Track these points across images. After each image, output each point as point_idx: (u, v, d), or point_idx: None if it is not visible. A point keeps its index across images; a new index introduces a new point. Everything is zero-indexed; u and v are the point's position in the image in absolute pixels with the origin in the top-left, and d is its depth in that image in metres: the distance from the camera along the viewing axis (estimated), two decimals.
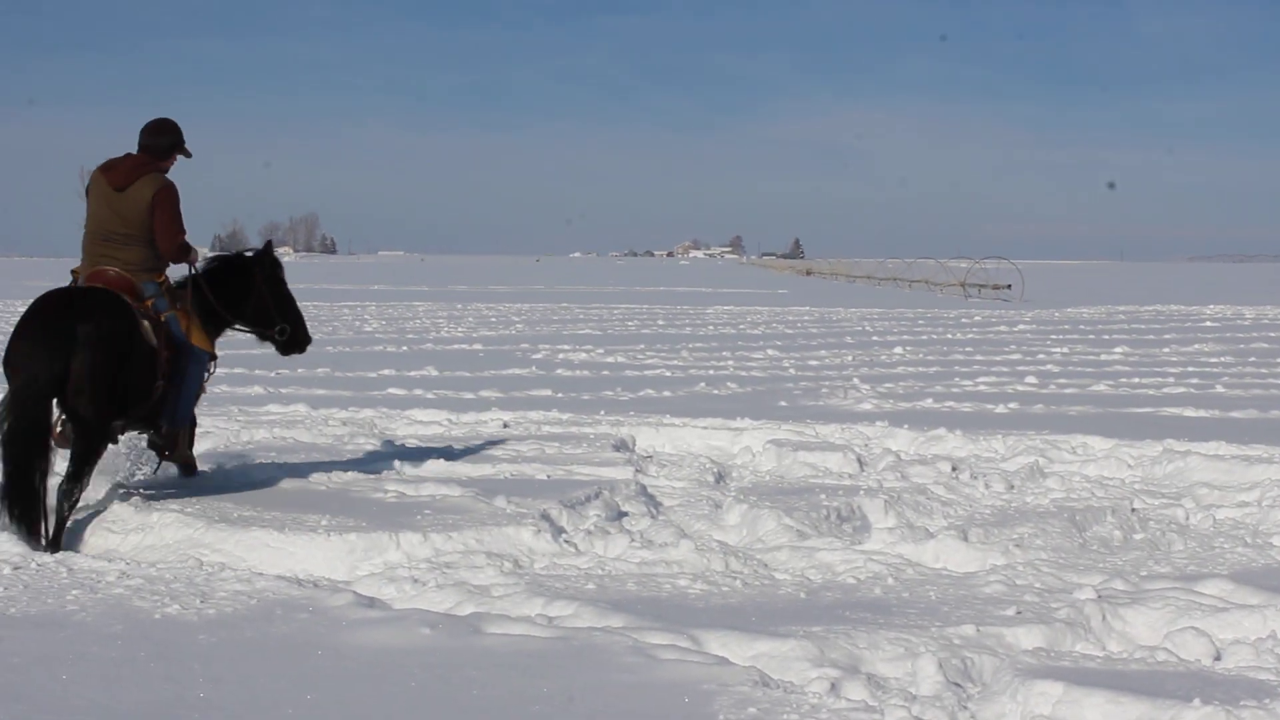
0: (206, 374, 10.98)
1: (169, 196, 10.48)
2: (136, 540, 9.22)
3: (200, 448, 13.26)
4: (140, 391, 10.02)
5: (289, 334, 11.61)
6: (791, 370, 23.70)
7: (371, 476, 11.52)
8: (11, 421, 9.43)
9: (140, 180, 10.39)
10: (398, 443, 13.63)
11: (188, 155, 10.85)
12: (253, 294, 11.43)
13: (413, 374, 22.15)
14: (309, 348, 11.93)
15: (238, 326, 11.60)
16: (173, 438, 10.83)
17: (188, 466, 11.31)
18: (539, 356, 26.03)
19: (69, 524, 9.49)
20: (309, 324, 12.00)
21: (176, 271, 10.92)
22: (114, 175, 10.40)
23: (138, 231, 10.37)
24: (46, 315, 9.70)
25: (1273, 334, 34.45)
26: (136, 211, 10.35)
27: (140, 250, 10.40)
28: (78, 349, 9.45)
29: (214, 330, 11.27)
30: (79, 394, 9.53)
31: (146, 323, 10.10)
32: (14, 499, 9.27)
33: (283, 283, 11.65)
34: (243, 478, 11.39)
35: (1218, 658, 7.07)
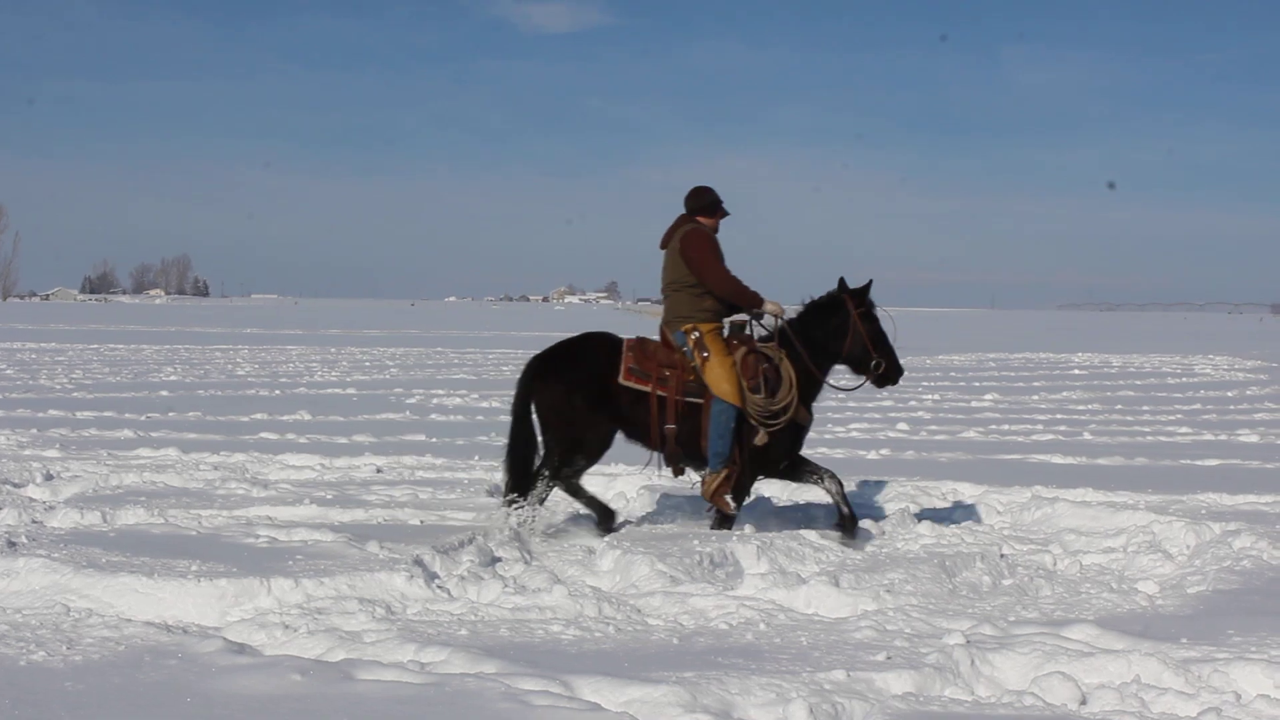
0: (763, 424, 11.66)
1: (695, 239, 11.77)
2: (2, 586, 9.05)
3: (68, 491, 13.13)
4: (639, 430, 11.76)
5: (883, 368, 12.10)
6: None
7: (243, 521, 11.44)
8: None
9: (675, 235, 11.84)
10: (270, 487, 13.53)
11: (725, 214, 12.13)
12: (850, 332, 11.99)
13: (285, 418, 22.01)
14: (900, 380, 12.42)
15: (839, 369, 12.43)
16: (709, 480, 11.73)
17: (722, 515, 11.97)
18: (413, 401, 25.95)
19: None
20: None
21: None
22: (662, 238, 11.97)
23: (674, 282, 11.84)
24: (538, 356, 11.99)
25: (1139, 382, 35.05)
26: (673, 264, 11.81)
27: (676, 300, 11.84)
28: (535, 390, 11.78)
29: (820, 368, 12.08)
30: (545, 428, 11.81)
31: (648, 370, 11.59)
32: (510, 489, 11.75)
33: (876, 319, 12.16)
34: (112, 522, 11.26)
35: (1083, 702, 7.16)
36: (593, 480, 14.51)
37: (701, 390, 11.53)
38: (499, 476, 14.42)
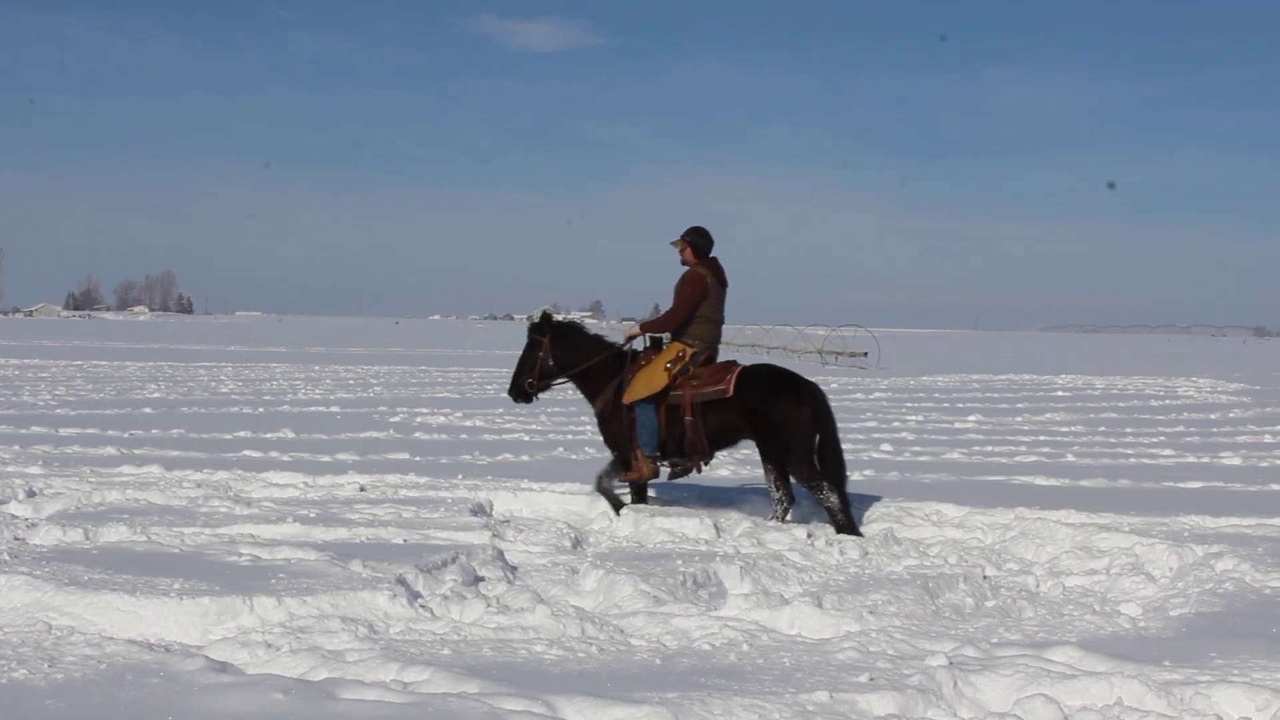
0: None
1: None
2: None
3: (51, 508, 13.10)
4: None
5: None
6: None
7: (225, 540, 11.41)
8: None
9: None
10: (253, 505, 13.50)
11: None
12: None
13: (269, 436, 21.98)
14: None
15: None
16: None
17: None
18: (397, 419, 25.92)
19: None
20: None
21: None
22: (721, 274, 13.91)
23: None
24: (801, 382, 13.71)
25: (1122, 404, 35.07)
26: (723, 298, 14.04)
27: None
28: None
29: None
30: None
31: None
32: None
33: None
34: (94, 540, 11.24)
35: None
36: (575, 499, 14.54)
37: None
38: (482, 495, 14.44)
